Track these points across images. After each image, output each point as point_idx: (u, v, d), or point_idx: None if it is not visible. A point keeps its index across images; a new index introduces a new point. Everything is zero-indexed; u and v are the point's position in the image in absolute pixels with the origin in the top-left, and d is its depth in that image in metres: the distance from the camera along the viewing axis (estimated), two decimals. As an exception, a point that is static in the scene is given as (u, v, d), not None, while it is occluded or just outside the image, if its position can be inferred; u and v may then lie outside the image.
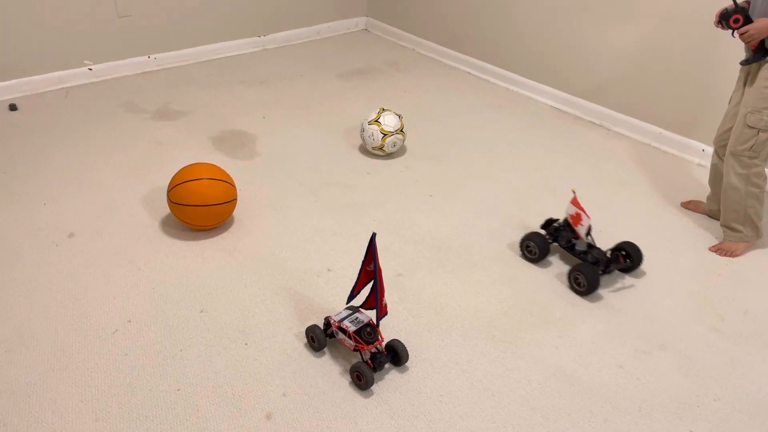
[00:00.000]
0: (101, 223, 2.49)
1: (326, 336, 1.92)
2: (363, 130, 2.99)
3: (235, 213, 2.55)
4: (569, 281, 2.23)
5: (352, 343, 1.83)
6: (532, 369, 1.91)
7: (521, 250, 2.39)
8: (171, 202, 2.40)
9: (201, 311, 2.07)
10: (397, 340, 1.89)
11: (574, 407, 1.79)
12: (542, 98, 3.70)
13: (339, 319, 1.88)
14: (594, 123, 3.46)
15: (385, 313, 1.86)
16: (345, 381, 1.84)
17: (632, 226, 2.59)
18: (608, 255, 2.26)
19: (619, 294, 2.23)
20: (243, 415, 1.72)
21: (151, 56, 3.90)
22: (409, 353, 1.89)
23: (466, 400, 1.80)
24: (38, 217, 2.51)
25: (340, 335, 1.87)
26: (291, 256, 2.35)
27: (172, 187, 2.40)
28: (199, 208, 2.37)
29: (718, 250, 2.45)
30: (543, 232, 2.38)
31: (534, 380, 1.87)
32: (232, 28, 4.14)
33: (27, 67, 3.51)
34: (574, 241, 2.31)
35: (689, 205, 2.71)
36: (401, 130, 2.97)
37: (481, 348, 1.97)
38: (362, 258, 1.80)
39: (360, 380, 1.79)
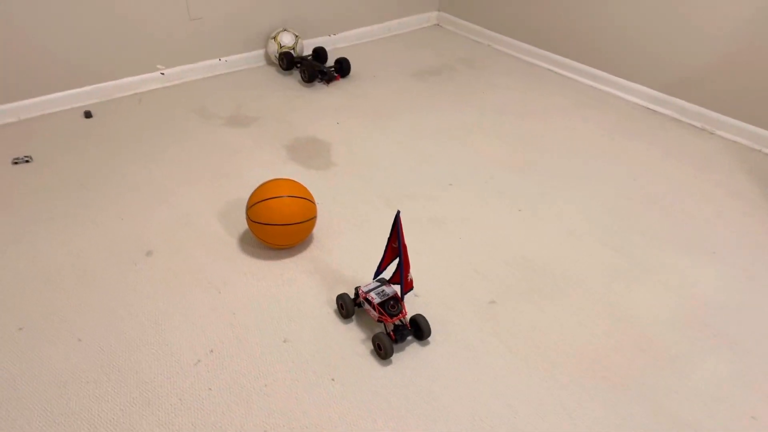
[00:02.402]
0: (178, 240, 2.42)
1: (355, 305, 2.02)
2: (267, 44, 3.88)
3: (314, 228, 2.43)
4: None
5: (376, 314, 1.92)
6: (651, 418, 1.71)
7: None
8: (250, 220, 2.30)
9: (284, 341, 1.96)
10: (420, 315, 1.94)
11: (703, 466, 1.59)
12: (632, 97, 3.43)
13: (367, 290, 1.97)
14: (694, 126, 3.17)
15: (410, 288, 1.94)
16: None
17: (748, 244, 2.33)
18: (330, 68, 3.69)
19: (742, 328, 1.99)
20: (334, 463, 1.60)
21: (221, 59, 3.83)
22: (431, 329, 1.96)
23: (578, 453, 1.62)
24: (116, 233, 2.46)
25: (366, 306, 1.97)
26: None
27: (252, 206, 2.30)
28: (279, 227, 2.25)
29: None
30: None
31: (654, 432, 1.67)
32: (301, 29, 4.02)
33: (101, 73, 3.49)
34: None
35: None
36: (294, 48, 3.81)
37: (591, 391, 1.78)
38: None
39: (380, 350, 1.87)
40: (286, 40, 3.80)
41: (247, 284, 2.20)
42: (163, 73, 3.68)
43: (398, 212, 1.77)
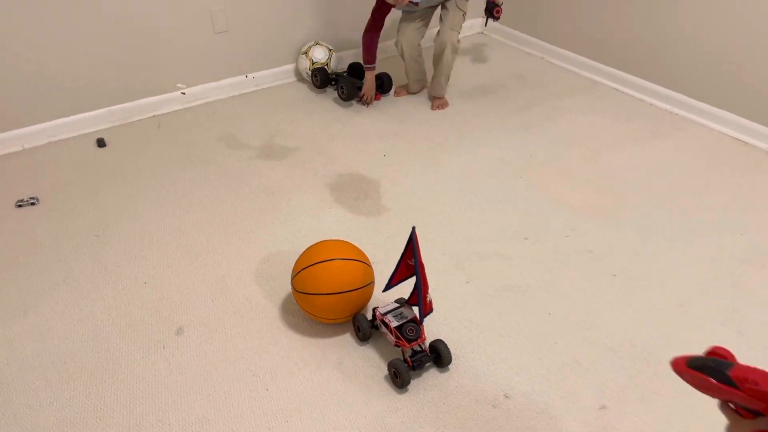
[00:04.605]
0: (213, 313, 2.04)
1: (372, 327, 1.89)
2: (297, 60, 3.48)
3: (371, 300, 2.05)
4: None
5: (392, 338, 1.79)
6: None
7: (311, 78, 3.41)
8: (295, 291, 1.92)
9: (353, 464, 1.59)
10: (440, 340, 1.82)
11: None
12: (719, 126, 3.01)
13: (384, 312, 1.84)
14: (796, 162, 2.77)
15: (430, 311, 1.79)
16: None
17: None
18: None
19: None
20: None
21: (248, 76, 3.43)
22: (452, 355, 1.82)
23: None
24: (140, 303, 2.08)
25: (383, 328, 1.84)
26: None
27: (296, 274, 1.92)
28: (329, 297, 1.87)
29: (437, 107, 3.25)
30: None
31: None
32: (335, 41, 3.61)
33: (115, 94, 3.10)
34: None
35: (401, 92, 3.40)
36: (327, 63, 3.41)
37: None
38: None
39: (396, 378, 1.75)
40: (319, 54, 3.40)
41: (300, 378, 1.82)
42: (184, 93, 3.29)
43: (413, 228, 1.67)
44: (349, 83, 3.25)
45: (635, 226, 2.40)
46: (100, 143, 2.97)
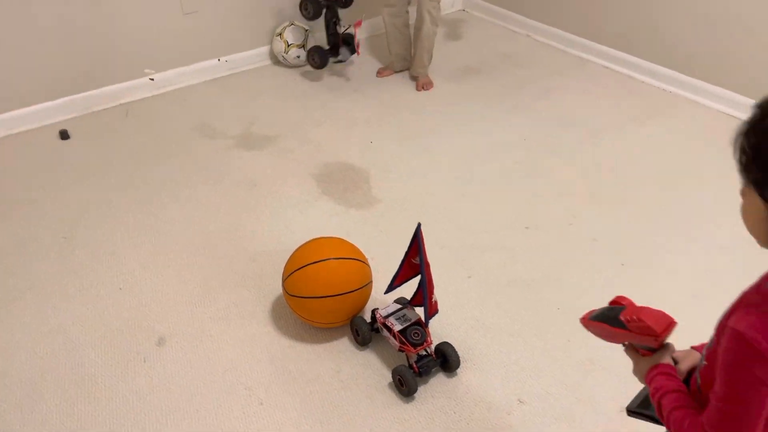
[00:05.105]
0: (197, 320, 1.88)
1: (372, 331, 1.74)
2: (272, 42, 3.24)
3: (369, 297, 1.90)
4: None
5: (396, 343, 1.64)
6: None
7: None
8: (287, 294, 1.78)
9: (361, 485, 1.45)
10: (447, 343, 1.69)
11: None
12: (714, 103, 2.91)
13: (385, 314, 1.70)
14: (795, 140, 2.68)
15: (435, 312, 1.68)
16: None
17: None
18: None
19: None
20: None
21: (221, 59, 3.23)
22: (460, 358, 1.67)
23: None
24: (115, 311, 1.91)
25: (385, 332, 1.68)
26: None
27: (288, 276, 1.77)
28: (324, 300, 1.73)
29: (422, 87, 3.09)
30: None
31: None
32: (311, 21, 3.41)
33: (78, 81, 2.88)
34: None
35: (384, 72, 3.22)
36: (303, 45, 3.18)
37: None
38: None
39: (402, 386, 1.61)
40: (293, 37, 3.19)
41: (296, 389, 1.67)
42: (152, 79, 3.07)
43: (419, 225, 1.57)
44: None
45: (639, 212, 2.30)
46: (63, 135, 2.75)
